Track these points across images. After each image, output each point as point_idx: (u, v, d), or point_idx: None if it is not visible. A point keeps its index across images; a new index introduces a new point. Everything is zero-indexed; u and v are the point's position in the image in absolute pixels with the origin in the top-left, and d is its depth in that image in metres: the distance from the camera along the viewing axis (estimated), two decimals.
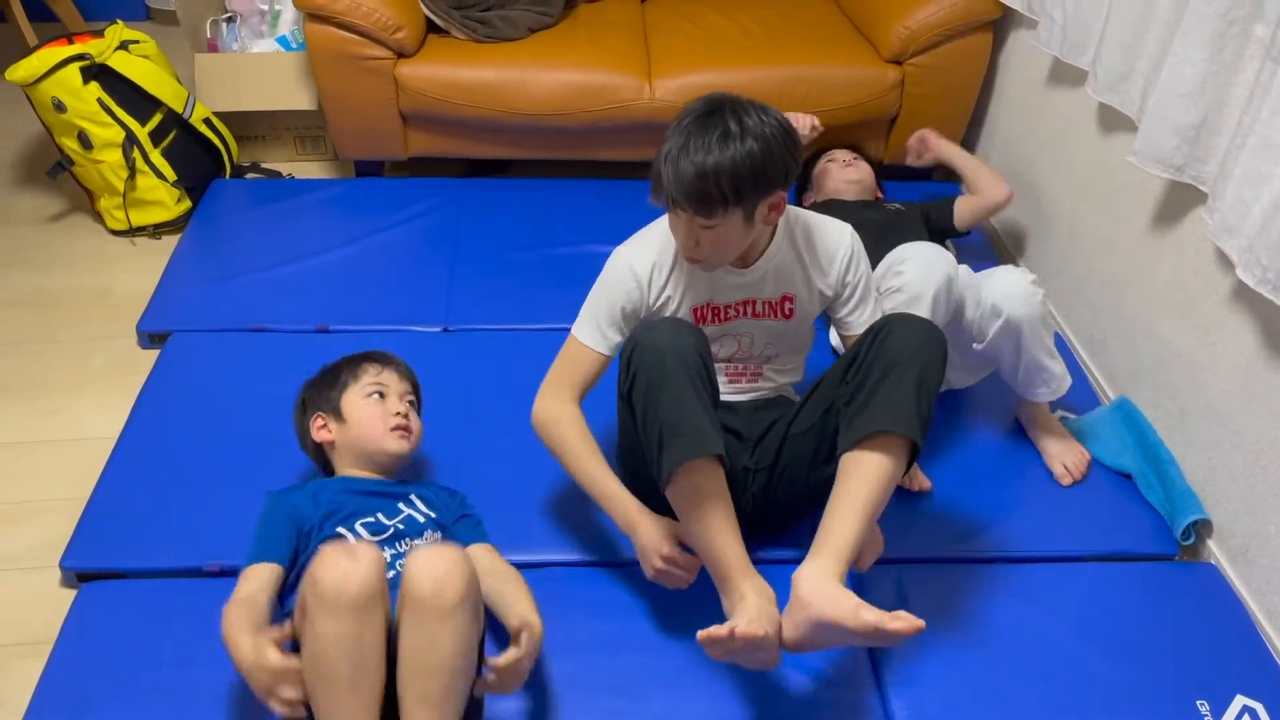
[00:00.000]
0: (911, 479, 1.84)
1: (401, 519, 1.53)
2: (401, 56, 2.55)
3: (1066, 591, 1.70)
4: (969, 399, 2.06)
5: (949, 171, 2.49)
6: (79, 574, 1.67)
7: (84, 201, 2.65)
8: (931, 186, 2.45)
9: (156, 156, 2.53)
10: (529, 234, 2.52)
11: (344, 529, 1.48)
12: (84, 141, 2.45)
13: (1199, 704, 1.54)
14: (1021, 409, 1.98)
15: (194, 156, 2.65)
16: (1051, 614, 1.66)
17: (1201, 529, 1.83)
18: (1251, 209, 1.59)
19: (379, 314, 2.25)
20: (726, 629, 1.29)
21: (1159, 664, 1.59)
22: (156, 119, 2.54)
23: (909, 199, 2.41)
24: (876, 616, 1.26)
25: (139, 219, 2.56)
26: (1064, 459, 1.91)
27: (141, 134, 2.50)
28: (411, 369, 1.75)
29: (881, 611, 1.27)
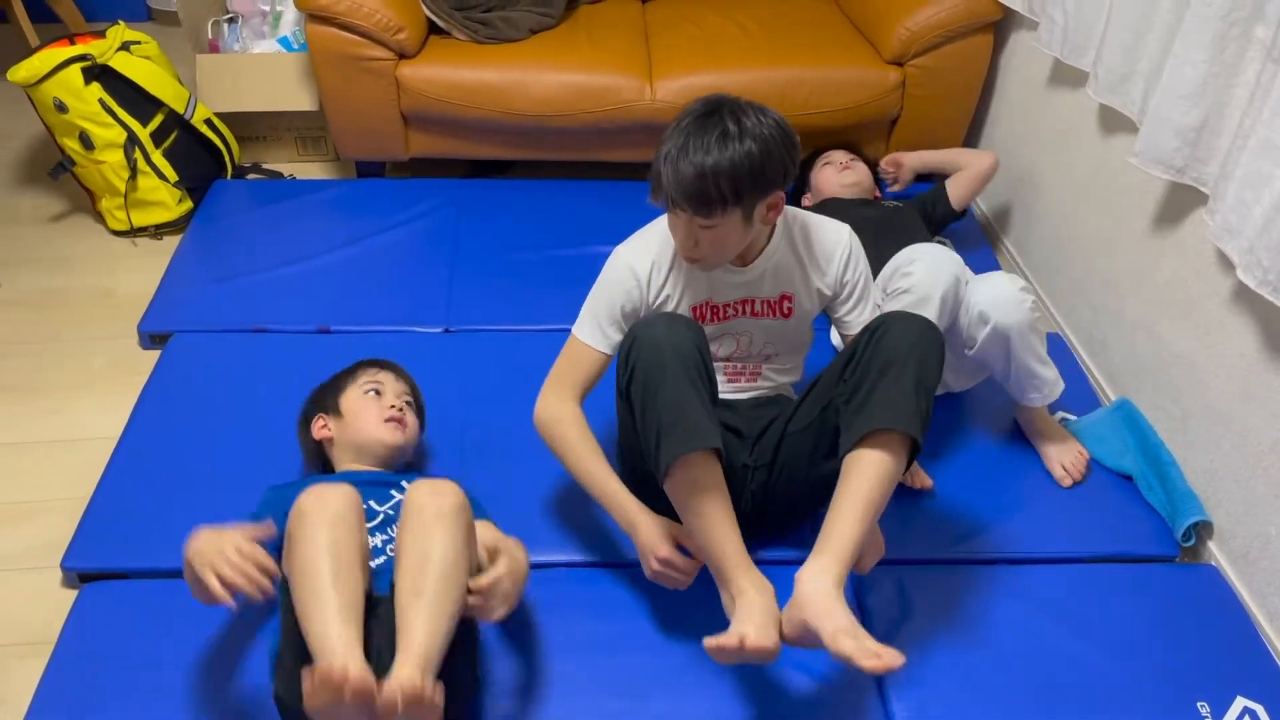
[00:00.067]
0: (912, 477, 1.85)
1: (392, 504, 1.54)
2: (403, 57, 2.55)
3: (1067, 593, 1.70)
4: (968, 401, 2.06)
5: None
6: (80, 574, 1.68)
7: (85, 202, 2.65)
8: (925, 187, 2.47)
9: (158, 157, 2.53)
10: (530, 235, 2.52)
11: None
12: (85, 142, 2.45)
13: (1199, 706, 1.54)
14: (1020, 411, 1.98)
15: (195, 157, 2.65)
16: (1052, 615, 1.66)
17: (1202, 531, 1.83)
18: (1252, 210, 1.59)
19: (380, 315, 2.25)
20: (736, 640, 1.29)
21: (1159, 666, 1.59)
22: (158, 119, 2.54)
23: (905, 197, 2.43)
24: (852, 648, 1.25)
25: (140, 219, 2.56)
26: (1063, 460, 1.91)
27: (143, 134, 2.50)
28: (410, 375, 1.78)
29: (861, 643, 1.26)
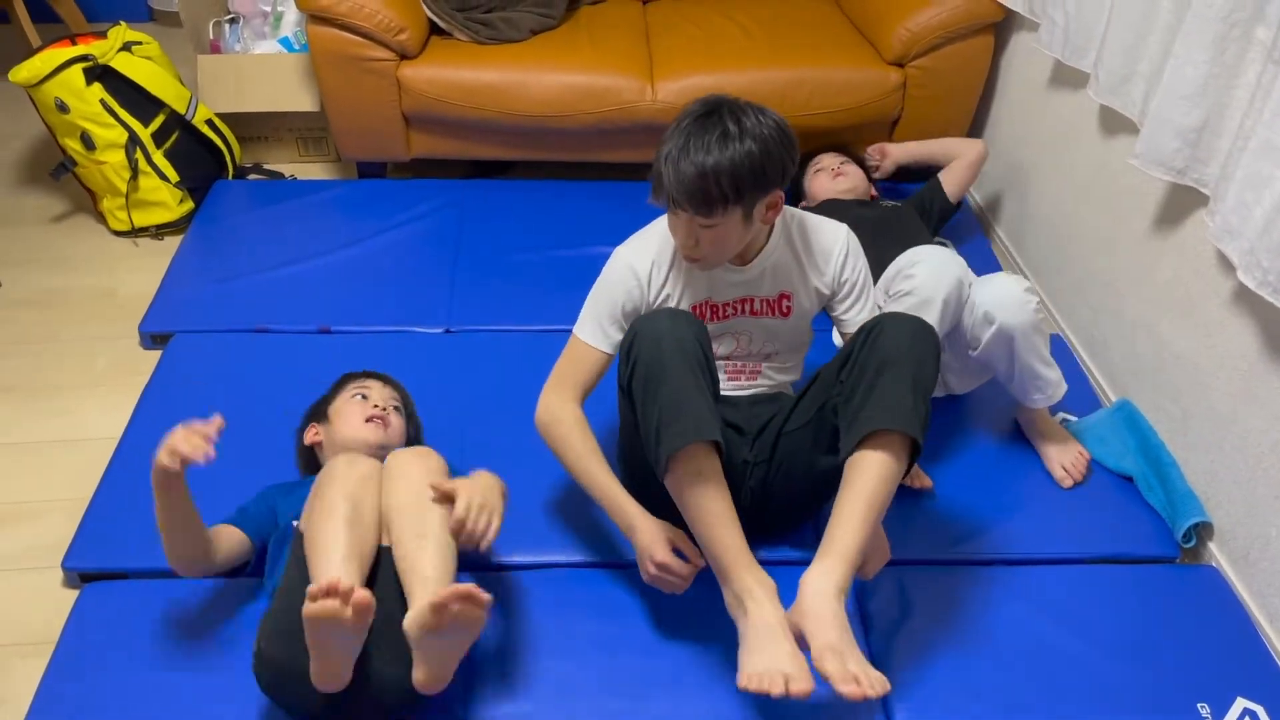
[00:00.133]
0: (913, 477, 1.85)
1: None
2: (404, 58, 2.56)
3: (1067, 594, 1.70)
4: (969, 402, 2.06)
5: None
6: (81, 574, 1.68)
7: (87, 202, 2.66)
8: (919, 187, 2.48)
9: (159, 157, 2.53)
10: (531, 235, 2.52)
11: None
12: (87, 142, 2.45)
13: (1200, 707, 1.54)
14: (1021, 412, 1.98)
15: (196, 157, 2.65)
16: (1052, 616, 1.66)
17: (1203, 531, 1.83)
18: (1253, 211, 1.59)
19: (381, 315, 2.25)
20: (780, 688, 1.28)
21: (1160, 666, 1.59)
22: (159, 120, 2.55)
23: (902, 197, 2.45)
24: (832, 669, 1.26)
25: (141, 220, 2.56)
26: (1063, 460, 1.91)
27: (144, 135, 2.50)
28: (400, 384, 1.80)
29: (843, 665, 1.27)
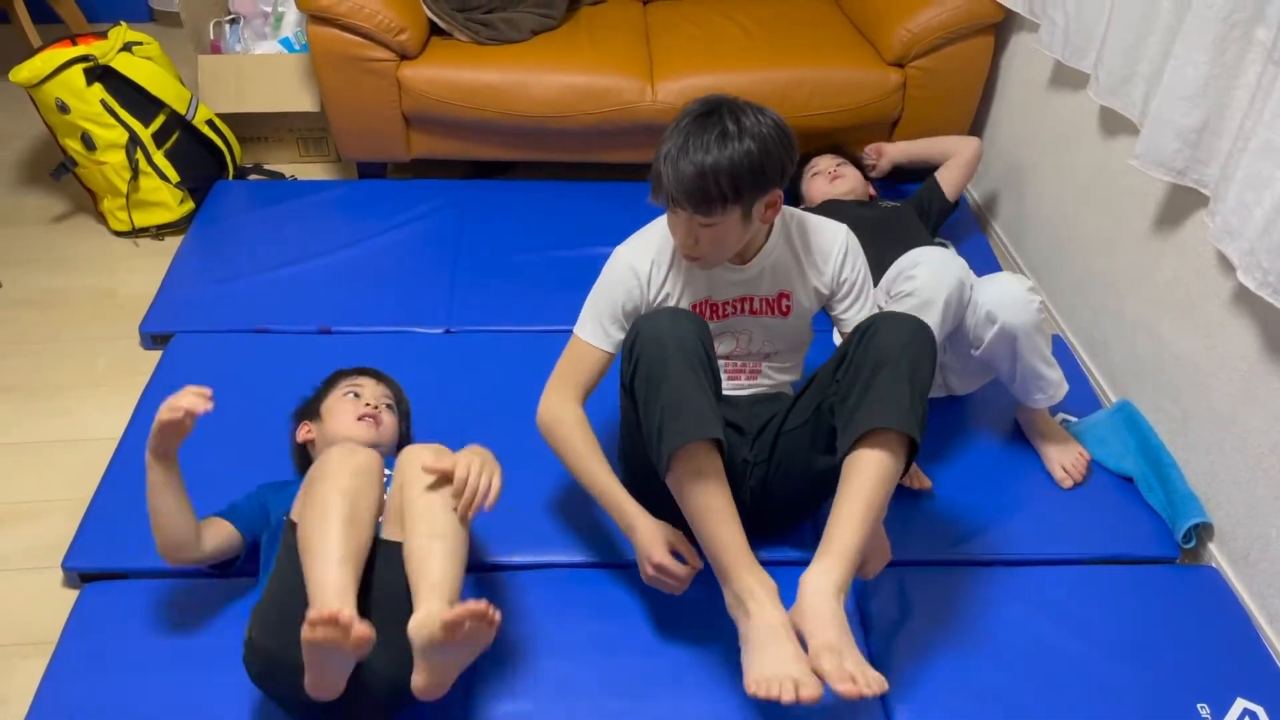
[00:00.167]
0: (912, 477, 1.85)
1: None
2: (404, 58, 2.56)
3: (1067, 594, 1.70)
4: (969, 403, 2.06)
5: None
6: (81, 574, 1.68)
7: (87, 202, 2.66)
8: (915, 188, 2.49)
9: (159, 158, 2.53)
10: (531, 236, 2.52)
11: None
12: (87, 143, 2.46)
13: (1200, 707, 1.54)
14: (1021, 412, 1.98)
15: (197, 158, 2.66)
16: (1052, 617, 1.66)
17: (1203, 532, 1.83)
18: (1253, 212, 1.59)
19: (381, 315, 2.25)
20: (791, 694, 1.27)
21: (1160, 667, 1.59)
22: (159, 120, 2.55)
23: (899, 197, 2.46)
24: (829, 667, 1.26)
25: (142, 220, 2.56)
26: (1063, 461, 1.91)
27: (144, 135, 2.50)
28: (394, 380, 1.80)
29: (839, 664, 1.27)
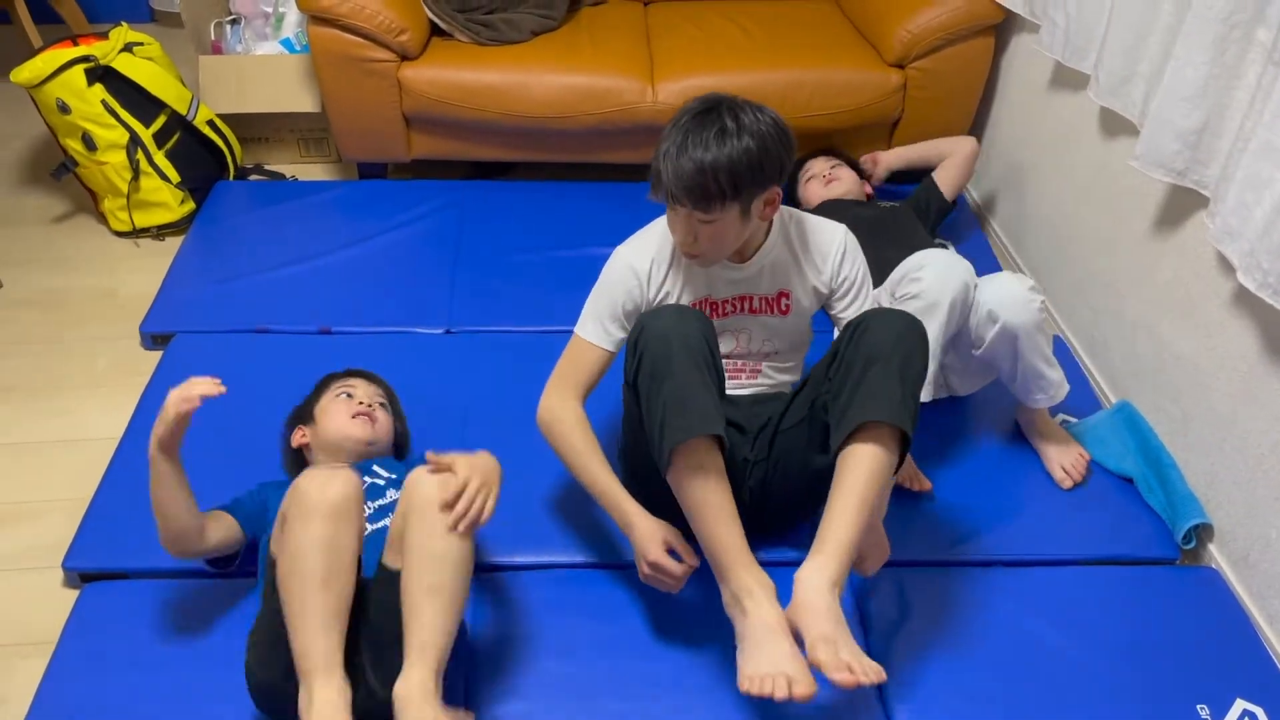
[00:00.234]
0: (912, 479, 1.85)
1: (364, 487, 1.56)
2: (405, 59, 2.56)
3: (1067, 595, 1.70)
4: (969, 403, 2.06)
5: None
6: (81, 574, 1.68)
7: (88, 203, 2.66)
8: (912, 188, 2.50)
9: (160, 158, 2.53)
10: (531, 236, 2.52)
11: None
12: (88, 143, 2.46)
13: (1199, 708, 1.54)
14: (1021, 413, 1.99)
15: (197, 158, 2.66)
16: (1052, 618, 1.66)
17: (1203, 533, 1.83)
18: (1253, 213, 1.59)
19: (381, 316, 2.25)
20: (784, 690, 1.28)
21: (1159, 668, 1.59)
22: (160, 121, 2.55)
23: (898, 198, 2.46)
24: (825, 658, 1.27)
25: (143, 220, 2.57)
26: (1063, 461, 1.91)
27: (145, 136, 2.50)
28: (384, 380, 1.80)
29: (835, 654, 1.27)
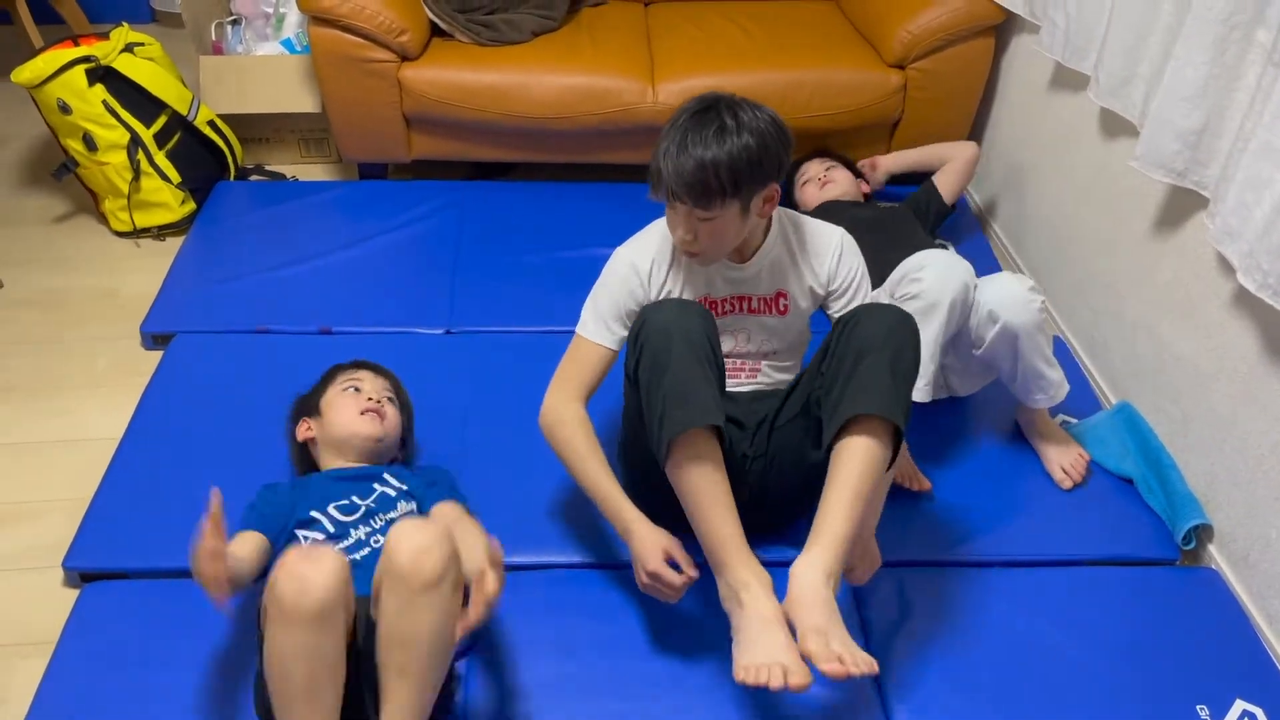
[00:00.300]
0: (911, 479, 1.85)
1: (375, 498, 1.56)
2: (405, 60, 2.56)
3: (1067, 596, 1.70)
4: (969, 404, 2.06)
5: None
6: (81, 574, 1.68)
7: (88, 203, 2.66)
8: (912, 189, 2.50)
9: (161, 158, 2.54)
10: (532, 237, 2.53)
11: (316, 511, 1.52)
12: (89, 143, 2.46)
13: (1199, 709, 1.54)
14: (1021, 413, 1.99)
15: (198, 158, 2.66)
16: (1052, 618, 1.66)
17: (1203, 534, 1.83)
18: (1253, 214, 1.59)
19: (382, 316, 2.25)
20: (779, 680, 1.28)
21: (1159, 668, 1.59)
22: (161, 121, 2.55)
23: (897, 198, 2.46)
24: (815, 648, 1.28)
25: (143, 220, 2.57)
26: (1063, 462, 1.91)
27: (146, 136, 2.51)
28: (392, 373, 1.79)
29: (826, 645, 1.28)
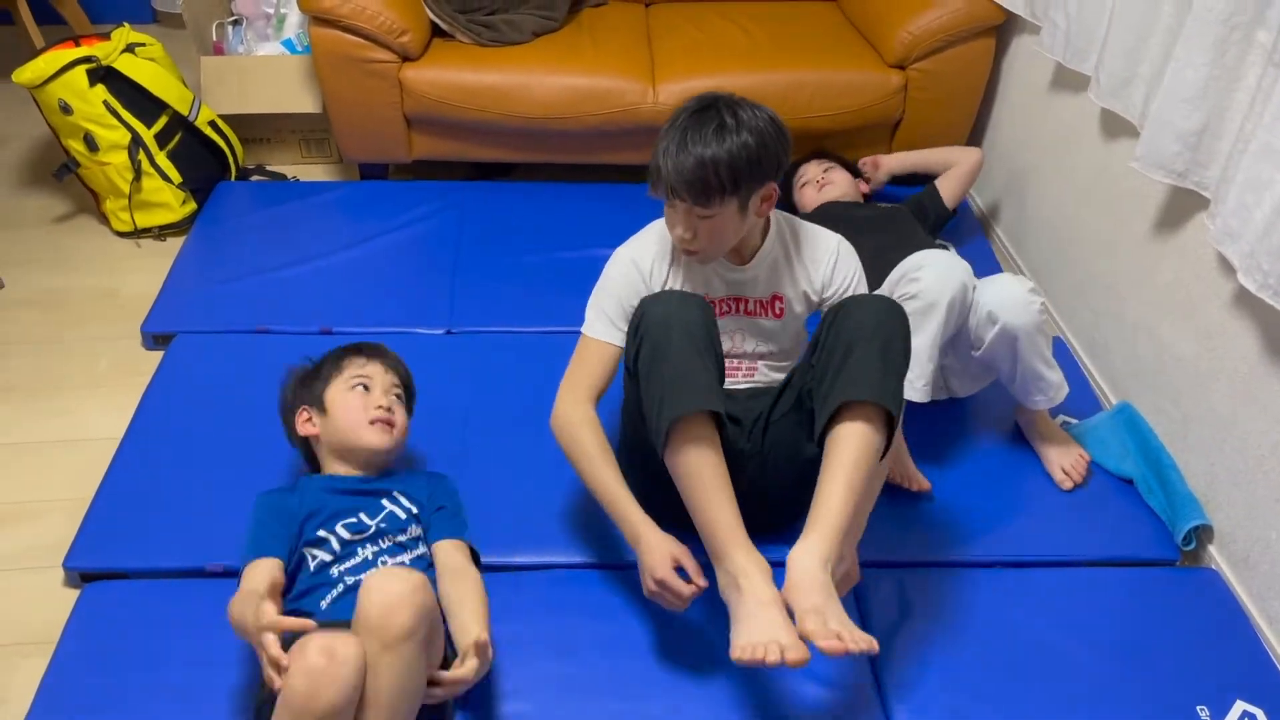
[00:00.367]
0: (910, 479, 1.85)
1: (383, 516, 1.53)
2: (406, 60, 2.56)
3: (1067, 596, 1.70)
4: (969, 404, 2.06)
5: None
6: (82, 574, 1.68)
7: (89, 203, 2.66)
8: (912, 190, 2.50)
9: (162, 159, 2.54)
10: (532, 237, 2.53)
11: (325, 531, 1.49)
12: (90, 143, 2.46)
13: (1199, 709, 1.54)
14: (1021, 414, 1.99)
15: (199, 159, 2.66)
16: (1052, 619, 1.66)
17: (1203, 534, 1.83)
18: (1253, 214, 1.59)
19: (382, 316, 2.25)
20: (776, 655, 1.27)
21: (1159, 669, 1.59)
22: (162, 121, 2.55)
23: (897, 199, 2.46)
24: (813, 627, 1.28)
25: (144, 221, 2.57)
26: (1063, 463, 1.91)
27: (147, 136, 2.51)
28: (401, 360, 1.70)
29: (825, 624, 1.28)
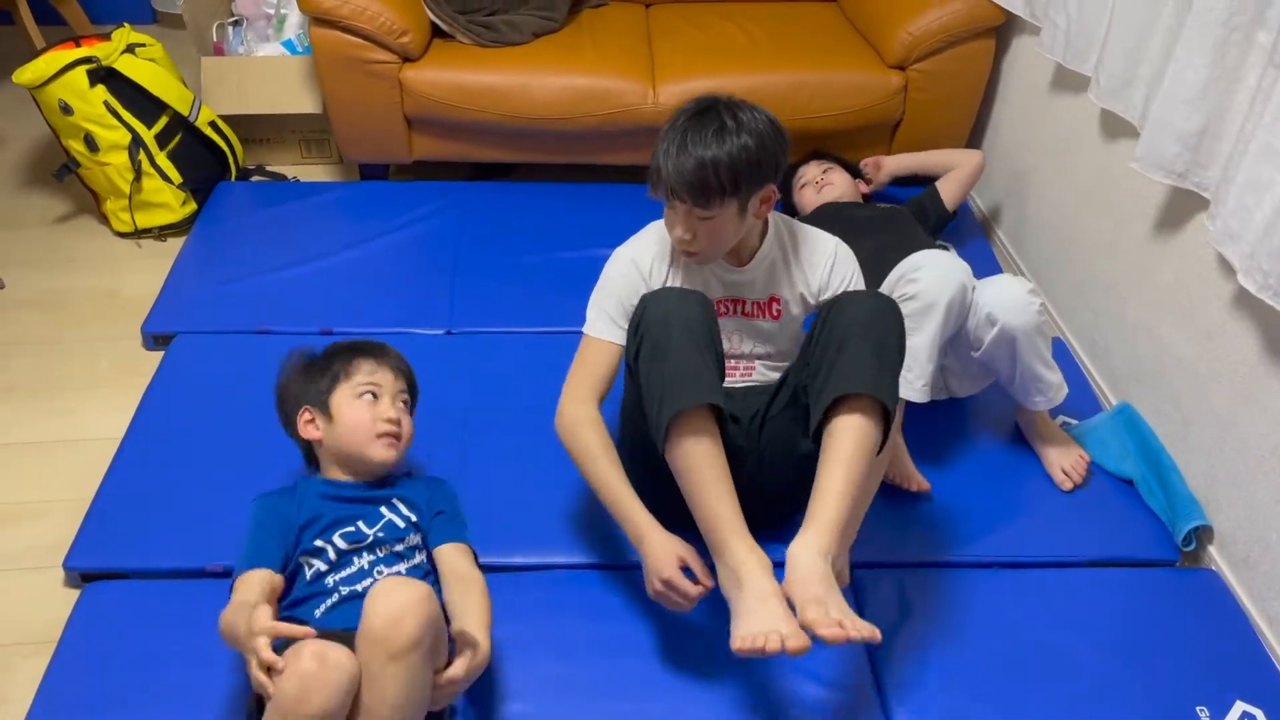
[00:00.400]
0: (910, 479, 1.84)
1: (382, 525, 1.49)
2: (406, 60, 2.56)
3: (1067, 597, 1.70)
4: (969, 405, 2.06)
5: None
6: (82, 574, 1.68)
7: (90, 203, 2.66)
8: (912, 191, 2.50)
9: (162, 159, 2.54)
10: (532, 237, 2.53)
11: (322, 540, 1.45)
12: (90, 144, 2.46)
13: (1199, 710, 1.54)
14: (1021, 414, 1.99)
15: (199, 159, 2.66)
16: (1052, 619, 1.66)
17: (1203, 535, 1.83)
18: (1253, 215, 1.59)
19: (382, 316, 2.26)
20: (776, 644, 1.27)
21: (1159, 670, 1.60)
22: (162, 122, 2.55)
23: (898, 200, 2.46)
24: (814, 616, 1.27)
25: (144, 221, 2.57)
26: (1063, 463, 1.92)
27: (147, 137, 2.51)
28: (406, 361, 1.67)
29: (825, 612, 1.28)
